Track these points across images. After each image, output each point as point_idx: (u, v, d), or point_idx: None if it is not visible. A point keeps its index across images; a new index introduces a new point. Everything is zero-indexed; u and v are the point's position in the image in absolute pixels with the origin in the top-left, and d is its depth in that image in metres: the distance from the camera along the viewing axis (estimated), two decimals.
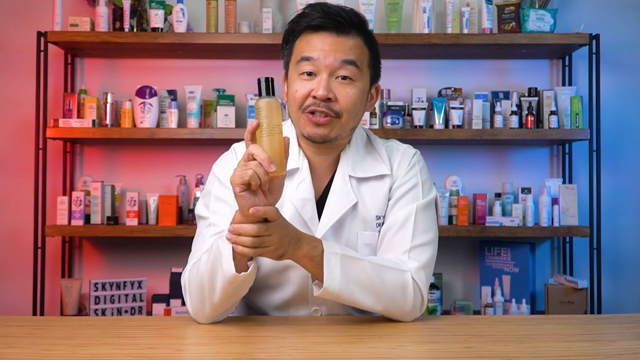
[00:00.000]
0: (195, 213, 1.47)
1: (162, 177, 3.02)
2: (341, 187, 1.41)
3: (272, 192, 1.19)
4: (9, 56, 3.02)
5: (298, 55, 1.38)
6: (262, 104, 1.17)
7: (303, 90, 1.36)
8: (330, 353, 1.12)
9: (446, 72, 3.07)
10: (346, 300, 1.30)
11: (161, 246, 3.00)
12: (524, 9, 2.84)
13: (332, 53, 1.36)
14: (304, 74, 1.36)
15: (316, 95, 1.34)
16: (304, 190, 1.40)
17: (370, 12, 2.82)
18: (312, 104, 1.35)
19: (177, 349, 1.17)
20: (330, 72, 1.36)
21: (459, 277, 3.06)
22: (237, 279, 1.22)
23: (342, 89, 1.36)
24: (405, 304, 1.33)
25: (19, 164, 3.00)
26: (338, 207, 1.40)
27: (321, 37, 1.37)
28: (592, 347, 1.15)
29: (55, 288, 2.95)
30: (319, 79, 1.35)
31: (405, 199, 1.42)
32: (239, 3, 2.98)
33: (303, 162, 1.43)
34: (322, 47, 1.36)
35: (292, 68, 1.40)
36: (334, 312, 1.43)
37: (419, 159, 1.49)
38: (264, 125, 1.16)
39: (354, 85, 1.38)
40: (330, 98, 1.35)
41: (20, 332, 1.27)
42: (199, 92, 2.84)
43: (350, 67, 1.37)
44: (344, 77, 1.36)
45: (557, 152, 3.08)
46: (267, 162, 1.13)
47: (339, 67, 1.36)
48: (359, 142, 1.47)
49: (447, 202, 2.85)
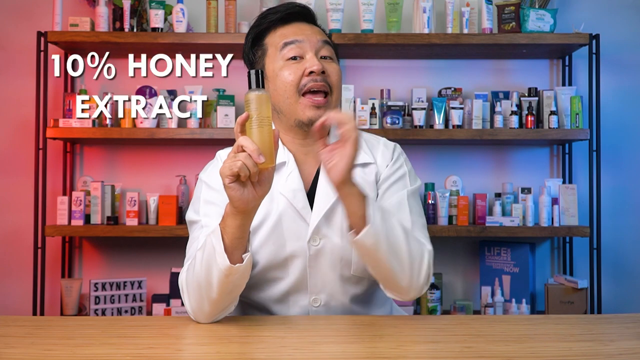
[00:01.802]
0: (186, 220, 1.49)
1: (162, 177, 3.02)
2: None
3: (261, 184, 1.20)
4: (9, 56, 3.03)
5: (278, 44, 1.44)
6: (252, 97, 1.17)
7: (296, 72, 1.41)
8: (330, 353, 1.12)
9: (446, 72, 3.07)
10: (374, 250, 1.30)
11: (161, 246, 3.00)
12: (524, 9, 2.84)
13: (312, 35, 1.45)
14: (289, 59, 1.42)
15: (313, 69, 1.40)
16: (293, 181, 1.43)
17: (370, 12, 2.82)
18: (310, 81, 1.40)
19: (177, 349, 1.17)
20: (315, 52, 1.43)
21: (459, 277, 3.06)
22: (233, 271, 1.23)
23: (329, 65, 1.44)
24: (419, 276, 1.35)
25: (19, 164, 3.00)
26: (328, 195, 1.41)
27: (295, 25, 1.46)
28: (592, 347, 1.15)
29: (55, 288, 2.95)
30: (308, 56, 1.42)
31: (395, 187, 1.47)
32: (239, 3, 2.98)
33: (288, 156, 1.46)
34: (301, 32, 1.44)
35: (273, 59, 1.45)
36: (332, 301, 1.44)
37: (401, 151, 1.55)
38: (253, 117, 1.17)
39: (335, 62, 1.47)
40: (324, 71, 1.41)
41: (20, 332, 1.27)
42: (199, 92, 2.84)
43: (328, 47, 1.46)
44: (325, 57, 1.45)
45: (557, 152, 3.08)
46: (256, 153, 1.14)
47: (321, 47, 1.44)
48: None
49: (447, 202, 2.85)
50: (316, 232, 1.41)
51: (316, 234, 1.41)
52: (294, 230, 1.41)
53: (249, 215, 1.23)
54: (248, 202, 1.19)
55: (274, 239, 1.41)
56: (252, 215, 1.24)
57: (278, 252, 1.42)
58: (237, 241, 1.24)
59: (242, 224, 1.23)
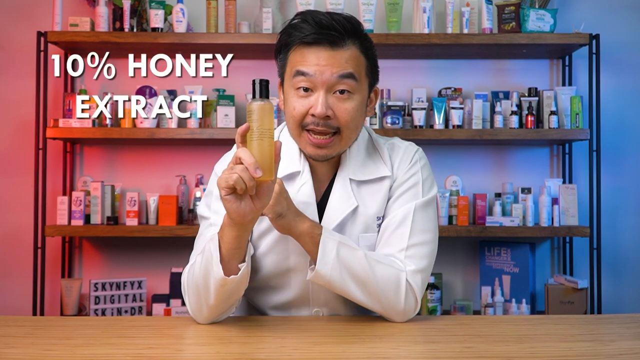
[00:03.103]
0: (197, 212, 1.47)
1: (162, 177, 3.02)
2: (341, 191, 1.40)
3: (259, 197, 1.16)
4: (9, 56, 3.02)
5: (293, 68, 1.34)
6: (255, 107, 1.13)
7: (301, 108, 1.33)
8: (330, 353, 1.12)
9: (446, 72, 3.06)
10: (337, 287, 1.30)
11: (161, 246, 3.00)
12: (524, 9, 2.84)
13: (328, 68, 1.31)
14: (299, 89, 1.33)
15: (314, 113, 1.31)
16: (304, 194, 1.39)
17: (370, 12, 2.82)
18: (311, 122, 1.32)
19: (177, 349, 1.17)
20: (327, 89, 1.32)
21: (459, 277, 3.06)
22: (227, 282, 1.22)
23: (340, 105, 1.33)
24: (397, 303, 1.31)
25: (19, 164, 3.00)
26: (338, 211, 1.38)
27: (315, 51, 1.32)
28: (592, 347, 1.15)
29: (55, 288, 2.95)
30: (316, 96, 1.32)
31: (404, 197, 1.40)
32: (239, 3, 2.98)
33: (304, 166, 1.41)
34: (317, 62, 1.31)
35: (288, 80, 1.37)
36: (336, 313, 1.43)
37: (421, 156, 1.46)
38: (254, 129, 1.13)
39: (353, 98, 1.34)
40: (329, 115, 1.32)
41: (20, 332, 1.27)
42: (199, 92, 2.84)
43: (348, 81, 1.32)
44: (342, 92, 1.32)
45: (557, 152, 3.08)
46: (253, 167, 1.10)
47: (336, 82, 1.32)
48: (360, 144, 1.44)
49: (447, 202, 2.85)
50: None
51: None
52: (299, 245, 1.35)
53: (246, 228, 1.20)
54: (245, 214, 1.15)
55: (279, 249, 1.38)
56: (250, 227, 1.22)
57: (281, 262, 1.39)
58: (233, 252, 1.22)
59: (239, 235, 1.20)
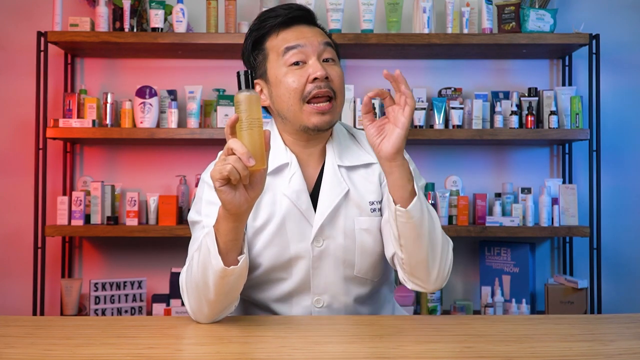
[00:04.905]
0: (188, 221, 1.48)
1: (162, 177, 3.02)
2: (332, 177, 1.44)
3: (253, 186, 1.19)
4: (9, 56, 3.03)
5: (279, 49, 1.41)
6: (242, 98, 1.15)
7: (300, 78, 1.39)
8: (330, 353, 1.12)
9: (446, 72, 3.07)
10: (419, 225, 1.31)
11: (161, 246, 3.00)
12: (524, 9, 2.84)
13: (313, 37, 1.41)
14: (292, 64, 1.40)
15: (317, 76, 1.38)
16: (296, 182, 1.42)
17: (370, 12, 2.82)
18: (314, 87, 1.38)
19: (177, 349, 1.17)
20: (317, 56, 1.40)
21: (459, 277, 3.06)
22: (227, 273, 1.23)
23: (331, 69, 1.42)
24: (446, 266, 1.38)
25: (19, 164, 3.00)
26: (332, 196, 1.42)
27: (295, 28, 1.43)
28: (592, 347, 1.15)
29: (55, 288, 2.95)
30: (311, 62, 1.39)
31: None
32: (239, 3, 2.98)
33: (291, 157, 1.45)
34: (302, 35, 1.41)
35: (275, 63, 1.42)
36: (335, 302, 1.44)
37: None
38: (243, 119, 1.15)
39: (338, 65, 1.45)
40: (327, 77, 1.39)
41: (20, 332, 1.27)
42: (199, 92, 2.84)
43: (330, 49, 1.43)
44: (328, 60, 1.42)
45: (557, 152, 3.08)
46: (246, 156, 1.13)
47: (323, 50, 1.42)
48: (339, 134, 1.50)
49: (447, 202, 2.85)
50: (320, 234, 1.41)
51: (320, 235, 1.41)
52: (298, 232, 1.41)
53: (241, 218, 1.22)
54: (240, 205, 1.18)
55: (278, 240, 1.41)
56: (245, 217, 1.23)
57: (282, 253, 1.42)
58: (231, 243, 1.24)
59: (235, 226, 1.22)
